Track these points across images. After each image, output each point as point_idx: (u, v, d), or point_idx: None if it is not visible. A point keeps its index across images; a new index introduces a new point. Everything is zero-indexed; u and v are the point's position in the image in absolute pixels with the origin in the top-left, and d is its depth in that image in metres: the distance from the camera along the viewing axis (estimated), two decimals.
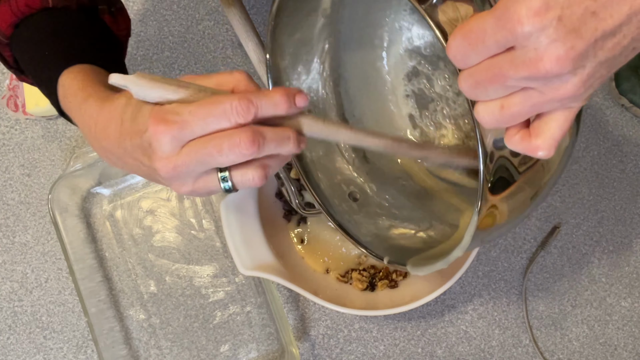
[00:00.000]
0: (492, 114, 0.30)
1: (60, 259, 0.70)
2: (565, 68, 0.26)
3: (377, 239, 0.55)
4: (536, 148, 0.30)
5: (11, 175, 0.72)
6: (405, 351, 0.70)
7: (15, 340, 0.69)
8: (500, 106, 0.29)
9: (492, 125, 0.31)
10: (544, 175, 0.39)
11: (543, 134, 0.30)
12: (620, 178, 0.73)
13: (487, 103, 0.30)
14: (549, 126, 0.29)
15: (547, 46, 0.26)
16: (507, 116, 0.29)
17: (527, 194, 0.39)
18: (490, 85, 0.28)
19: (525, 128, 0.31)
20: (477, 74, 0.29)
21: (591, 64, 0.26)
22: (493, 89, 0.29)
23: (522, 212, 0.40)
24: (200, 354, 0.69)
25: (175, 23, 0.74)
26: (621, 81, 0.71)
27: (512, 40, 0.26)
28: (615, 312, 0.71)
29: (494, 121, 0.30)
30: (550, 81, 0.27)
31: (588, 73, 0.27)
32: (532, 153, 0.30)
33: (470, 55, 0.28)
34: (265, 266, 0.62)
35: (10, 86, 0.71)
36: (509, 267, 0.71)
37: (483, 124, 0.31)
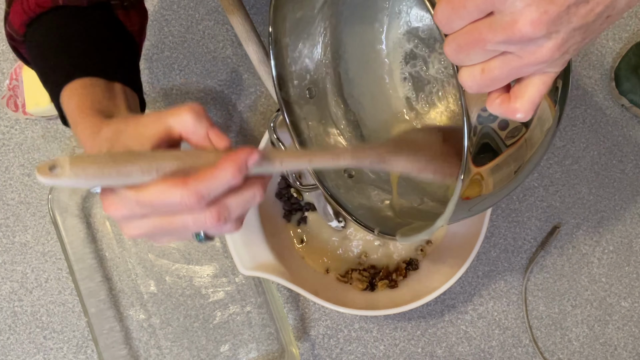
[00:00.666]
0: (474, 78, 0.31)
1: (60, 259, 0.70)
2: (540, 32, 0.27)
3: (370, 212, 0.56)
4: (515, 110, 0.31)
5: (11, 175, 0.72)
6: (405, 351, 0.70)
7: (15, 340, 0.69)
8: (481, 70, 0.30)
9: (474, 90, 0.32)
10: (527, 152, 0.40)
11: (521, 97, 0.31)
12: (620, 178, 0.73)
13: (469, 68, 0.31)
14: (527, 90, 0.31)
15: (522, 10, 0.27)
16: (488, 80, 0.30)
17: (512, 168, 0.40)
18: (471, 49, 0.30)
19: (506, 93, 0.32)
20: (460, 38, 0.30)
21: (565, 29, 0.28)
22: (474, 53, 0.30)
23: (505, 184, 0.41)
24: (200, 354, 0.69)
25: (175, 23, 0.74)
26: (621, 81, 0.71)
27: (491, 6, 0.28)
28: (615, 312, 0.71)
29: (475, 85, 0.31)
30: (526, 45, 0.28)
31: (562, 38, 0.28)
32: (511, 115, 0.32)
33: (454, 20, 0.30)
34: (265, 266, 0.62)
35: (10, 86, 0.71)
36: (509, 267, 0.71)
37: (466, 89, 0.32)
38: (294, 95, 0.57)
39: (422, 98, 0.61)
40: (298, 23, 0.54)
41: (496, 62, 0.30)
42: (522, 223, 0.72)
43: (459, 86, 0.33)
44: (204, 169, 0.32)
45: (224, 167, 0.33)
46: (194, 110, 0.35)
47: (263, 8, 0.75)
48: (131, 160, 0.31)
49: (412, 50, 0.60)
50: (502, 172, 0.40)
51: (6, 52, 0.74)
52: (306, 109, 0.58)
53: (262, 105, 0.73)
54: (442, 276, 0.62)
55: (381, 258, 0.68)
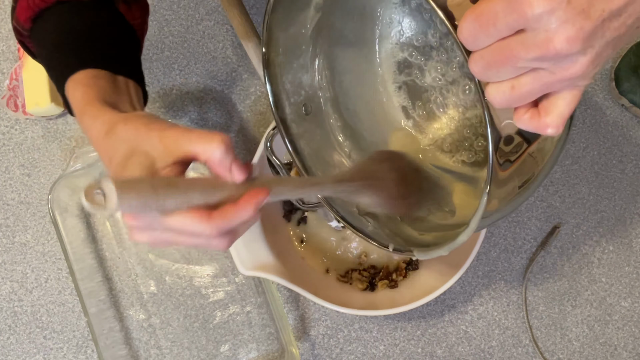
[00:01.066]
0: (503, 94, 0.31)
1: (60, 259, 0.70)
2: (575, 48, 0.27)
3: (379, 225, 0.56)
4: (545, 126, 0.31)
5: (11, 175, 0.72)
6: (405, 351, 0.70)
7: (15, 340, 0.69)
8: (511, 87, 0.30)
9: (502, 105, 0.31)
10: (538, 165, 0.40)
11: (552, 113, 0.31)
12: (620, 178, 0.73)
13: (498, 84, 0.31)
14: (558, 104, 0.30)
15: (557, 27, 0.26)
16: (518, 96, 0.30)
17: (517, 183, 0.40)
18: (501, 66, 0.29)
19: (534, 107, 0.32)
20: (488, 56, 0.29)
21: (599, 43, 0.27)
22: (504, 70, 0.30)
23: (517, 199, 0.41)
24: (200, 354, 0.69)
25: (175, 23, 0.74)
26: (621, 81, 0.71)
27: (523, 23, 0.27)
28: (615, 312, 0.71)
29: (504, 101, 0.31)
30: (560, 61, 0.28)
31: (597, 52, 0.28)
32: (542, 131, 0.31)
33: (481, 38, 0.29)
34: (265, 266, 0.62)
35: (10, 86, 0.71)
36: (509, 267, 0.71)
37: (494, 104, 0.32)
38: (290, 113, 0.57)
39: (419, 106, 0.60)
40: (291, 39, 0.54)
41: (527, 78, 0.29)
42: (522, 223, 0.72)
43: (482, 101, 0.33)
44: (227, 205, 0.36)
45: (244, 207, 0.36)
46: (225, 142, 0.37)
47: (263, 8, 0.75)
48: (170, 193, 0.33)
49: (407, 59, 0.60)
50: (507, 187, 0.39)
51: (6, 52, 0.74)
52: (303, 126, 0.58)
53: (262, 105, 0.73)
54: (442, 276, 0.62)
55: (381, 258, 0.68)
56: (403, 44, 0.59)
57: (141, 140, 0.38)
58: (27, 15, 0.47)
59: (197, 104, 0.73)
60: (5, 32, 0.74)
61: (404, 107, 0.61)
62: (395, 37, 0.60)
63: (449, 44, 0.57)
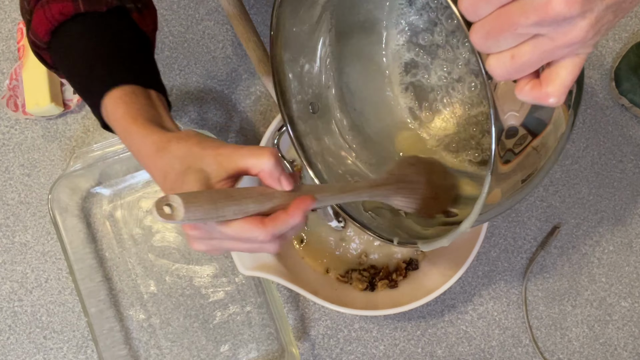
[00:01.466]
0: (504, 65, 0.30)
1: (60, 259, 0.70)
2: (574, 10, 0.27)
3: (384, 221, 0.56)
4: (547, 95, 0.30)
5: (11, 175, 0.72)
6: (405, 351, 0.70)
7: (15, 340, 0.69)
8: (511, 56, 0.30)
9: (503, 77, 0.31)
10: (541, 159, 0.40)
11: (553, 81, 0.30)
12: (620, 178, 0.73)
13: (498, 55, 0.30)
14: (559, 73, 0.30)
15: None
16: (518, 65, 0.30)
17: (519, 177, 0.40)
18: (500, 34, 0.29)
19: (536, 78, 0.31)
20: (488, 24, 0.29)
21: (599, 7, 0.27)
22: (504, 38, 0.29)
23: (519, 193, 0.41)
24: (200, 354, 0.69)
25: (175, 23, 0.74)
26: (621, 81, 0.71)
27: None
28: (615, 312, 0.71)
29: (505, 72, 0.31)
30: (559, 25, 0.28)
31: (596, 16, 0.27)
32: (544, 101, 0.31)
33: (481, 6, 0.29)
34: (265, 266, 0.62)
35: (10, 86, 0.71)
36: (509, 267, 0.71)
37: (495, 76, 0.31)
38: (297, 111, 0.57)
39: (425, 107, 0.60)
40: (297, 38, 0.54)
41: (527, 46, 0.29)
42: (522, 223, 0.72)
43: (487, 85, 0.33)
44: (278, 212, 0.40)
45: (294, 213, 0.40)
46: (274, 155, 0.40)
47: (263, 8, 0.75)
48: (228, 203, 0.37)
49: (413, 59, 0.60)
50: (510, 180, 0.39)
51: (6, 52, 0.74)
52: (310, 124, 0.58)
53: (262, 105, 0.73)
54: (442, 276, 0.62)
55: (381, 258, 0.68)
56: (409, 44, 0.59)
57: (195, 158, 0.41)
58: (46, 28, 0.47)
59: (197, 104, 0.73)
60: (5, 32, 0.74)
61: (411, 108, 0.61)
62: (402, 37, 0.60)
63: (455, 40, 0.56)
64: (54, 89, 0.70)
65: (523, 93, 0.32)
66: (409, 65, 0.60)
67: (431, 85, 0.59)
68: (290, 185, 0.41)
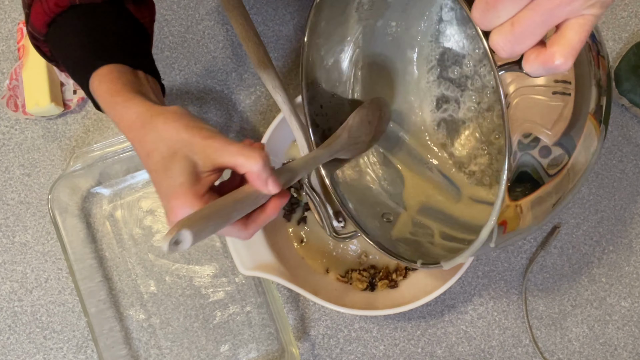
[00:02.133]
0: (505, 36, 0.29)
1: (60, 259, 0.70)
2: None
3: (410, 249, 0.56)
4: (552, 55, 0.29)
5: (11, 175, 0.72)
6: (405, 351, 0.70)
7: (15, 340, 0.69)
8: (511, 24, 0.29)
9: (507, 50, 0.30)
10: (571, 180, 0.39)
11: (558, 42, 0.29)
12: (620, 178, 0.73)
13: (499, 28, 0.30)
14: (565, 34, 0.29)
15: None
16: (519, 33, 0.29)
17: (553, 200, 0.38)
18: (500, 3, 0.29)
19: (542, 46, 0.30)
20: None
21: None
22: (502, 6, 0.29)
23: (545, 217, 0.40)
24: (200, 354, 0.69)
25: (175, 23, 0.74)
26: (621, 81, 0.71)
27: None
28: (615, 312, 0.71)
29: (508, 44, 0.30)
30: None
31: None
32: (550, 63, 0.30)
33: None
34: (265, 266, 0.62)
35: (10, 86, 0.71)
36: (509, 267, 0.71)
37: (499, 53, 0.30)
38: None
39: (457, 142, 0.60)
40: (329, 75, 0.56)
41: (526, 11, 0.28)
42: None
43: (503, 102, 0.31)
44: (256, 213, 0.43)
45: (272, 213, 0.43)
46: (263, 158, 0.40)
47: (263, 8, 0.75)
48: (220, 222, 0.39)
49: (444, 94, 0.59)
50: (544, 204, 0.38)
51: (6, 52, 0.74)
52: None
53: (262, 105, 0.73)
54: (442, 276, 0.62)
55: (381, 258, 0.68)
56: (440, 80, 0.59)
57: (183, 144, 0.41)
58: (43, 21, 0.48)
59: (197, 104, 0.73)
60: (5, 32, 0.74)
61: (443, 144, 0.61)
62: (433, 74, 0.60)
63: (483, 69, 0.56)
64: (54, 89, 0.70)
65: (530, 64, 0.30)
66: (440, 100, 0.60)
67: (462, 119, 0.59)
68: (277, 188, 0.42)
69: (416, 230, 0.58)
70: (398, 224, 0.58)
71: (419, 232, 0.57)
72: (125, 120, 0.43)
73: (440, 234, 0.56)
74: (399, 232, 0.58)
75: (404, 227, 0.58)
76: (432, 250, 0.55)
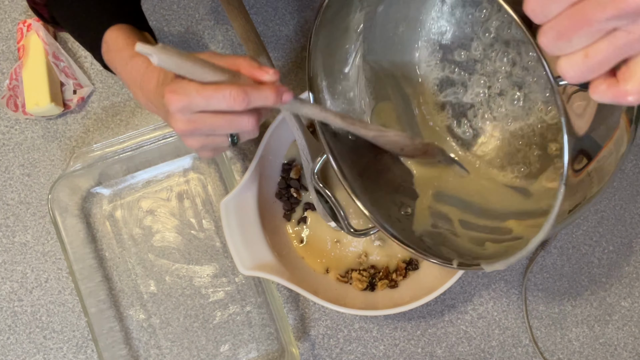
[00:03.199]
0: (577, 65, 0.29)
1: (60, 259, 0.70)
2: None
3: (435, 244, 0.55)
4: (625, 93, 0.29)
5: (11, 175, 0.72)
6: (405, 351, 0.70)
7: (15, 340, 0.69)
8: (585, 55, 0.28)
9: (576, 79, 0.29)
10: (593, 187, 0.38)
11: (632, 79, 0.28)
12: (620, 178, 0.73)
13: (569, 56, 0.29)
14: (638, 70, 0.28)
15: None
16: (593, 64, 0.28)
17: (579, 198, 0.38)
18: (574, 33, 0.28)
19: (612, 77, 0.29)
20: (559, 24, 0.28)
21: None
22: (577, 37, 0.28)
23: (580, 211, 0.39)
24: (200, 354, 0.69)
25: (175, 23, 0.74)
26: None
27: None
28: (615, 312, 0.71)
29: (578, 73, 0.29)
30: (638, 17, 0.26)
31: None
32: (622, 99, 0.29)
33: (550, 6, 0.28)
34: (265, 266, 0.62)
35: (10, 86, 0.71)
36: (509, 267, 0.71)
37: (567, 79, 0.30)
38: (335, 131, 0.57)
39: (464, 124, 0.59)
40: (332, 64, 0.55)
41: (602, 43, 0.27)
42: None
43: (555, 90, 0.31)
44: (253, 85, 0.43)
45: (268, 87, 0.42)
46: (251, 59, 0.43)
47: (263, 8, 0.75)
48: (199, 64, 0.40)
49: (448, 77, 0.59)
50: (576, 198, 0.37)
51: (6, 52, 0.74)
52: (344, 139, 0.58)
53: None
54: (442, 276, 0.62)
55: (381, 258, 0.68)
56: (444, 62, 0.59)
57: None
58: None
59: None
60: (5, 32, 0.74)
61: (449, 127, 0.60)
62: (436, 55, 0.59)
63: (494, 54, 0.56)
64: (54, 89, 0.70)
65: (598, 93, 0.30)
66: (444, 83, 0.59)
67: (469, 102, 0.59)
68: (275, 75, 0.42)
69: (436, 221, 0.57)
70: (417, 216, 0.58)
71: (439, 223, 0.57)
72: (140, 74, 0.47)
73: (460, 222, 0.56)
74: (420, 225, 0.57)
75: (423, 219, 0.57)
76: (459, 243, 0.54)
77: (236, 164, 0.72)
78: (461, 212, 0.56)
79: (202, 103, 0.41)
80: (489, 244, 0.52)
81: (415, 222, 0.57)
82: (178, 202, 0.71)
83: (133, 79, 0.49)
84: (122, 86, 0.73)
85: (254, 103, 0.41)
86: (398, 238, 0.55)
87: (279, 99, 0.42)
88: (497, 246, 0.51)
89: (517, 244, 0.47)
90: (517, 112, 0.56)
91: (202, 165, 0.72)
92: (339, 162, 0.57)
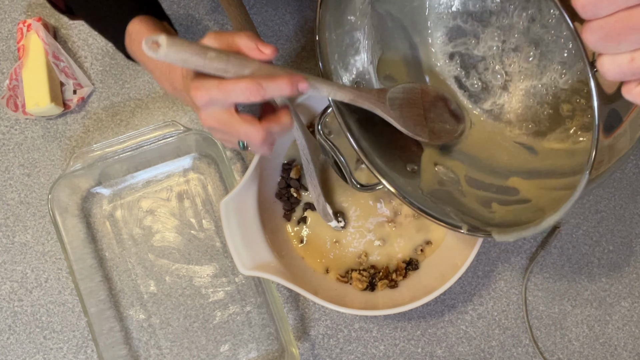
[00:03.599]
0: (619, 67, 0.29)
1: (60, 259, 0.70)
2: None
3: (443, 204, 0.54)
4: None
5: (11, 175, 0.72)
6: (405, 351, 0.70)
7: (15, 340, 0.69)
8: (630, 59, 0.28)
9: (615, 78, 0.30)
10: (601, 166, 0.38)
11: None
12: (620, 178, 0.73)
13: (614, 56, 0.29)
14: None
15: None
16: (636, 69, 0.28)
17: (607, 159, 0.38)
18: (624, 37, 0.27)
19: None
20: (610, 26, 0.28)
21: None
22: (627, 41, 0.28)
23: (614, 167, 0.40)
24: (200, 354, 0.69)
25: (175, 23, 0.74)
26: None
27: None
28: (615, 312, 0.71)
29: (619, 74, 0.29)
30: None
31: None
32: None
33: (603, 6, 0.27)
34: (265, 266, 0.62)
35: (10, 86, 0.71)
36: (509, 267, 0.71)
37: (606, 77, 0.30)
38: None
39: (474, 76, 0.58)
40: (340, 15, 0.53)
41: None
42: None
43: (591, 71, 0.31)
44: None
45: (284, 77, 0.43)
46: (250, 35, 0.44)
47: (263, 8, 0.75)
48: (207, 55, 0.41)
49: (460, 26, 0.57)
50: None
51: (6, 52, 0.74)
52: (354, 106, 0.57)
53: None
54: (442, 276, 0.62)
55: (381, 258, 0.68)
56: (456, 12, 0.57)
57: None
58: None
59: None
60: (5, 32, 0.74)
61: (457, 77, 0.59)
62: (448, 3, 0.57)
63: (512, 7, 0.54)
64: (54, 89, 0.70)
65: (633, 95, 0.30)
66: (454, 31, 0.57)
67: (481, 55, 0.57)
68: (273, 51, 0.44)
69: (442, 178, 0.56)
70: (423, 173, 0.56)
71: (446, 180, 0.55)
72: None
73: (466, 179, 0.55)
74: (427, 184, 0.55)
75: (430, 175, 0.56)
76: (466, 204, 0.53)
77: (236, 164, 0.72)
78: (467, 167, 0.56)
79: (221, 97, 0.43)
80: (496, 205, 0.51)
81: (422, 179, 0.56)
82: (178, 202, 0.71)
83: (160, 71, 0.51)
84: (122, 86, 0.73)
85: (269, 94, 0.43)
86: (404, 196, 0.54)
87: (294, 88, 0.44)
88: (504, 209, 0.50)
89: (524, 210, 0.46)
90: (532, 69, 0.54)
91: (202, 165, 0.72)
92: (345, 116, 0.56)
